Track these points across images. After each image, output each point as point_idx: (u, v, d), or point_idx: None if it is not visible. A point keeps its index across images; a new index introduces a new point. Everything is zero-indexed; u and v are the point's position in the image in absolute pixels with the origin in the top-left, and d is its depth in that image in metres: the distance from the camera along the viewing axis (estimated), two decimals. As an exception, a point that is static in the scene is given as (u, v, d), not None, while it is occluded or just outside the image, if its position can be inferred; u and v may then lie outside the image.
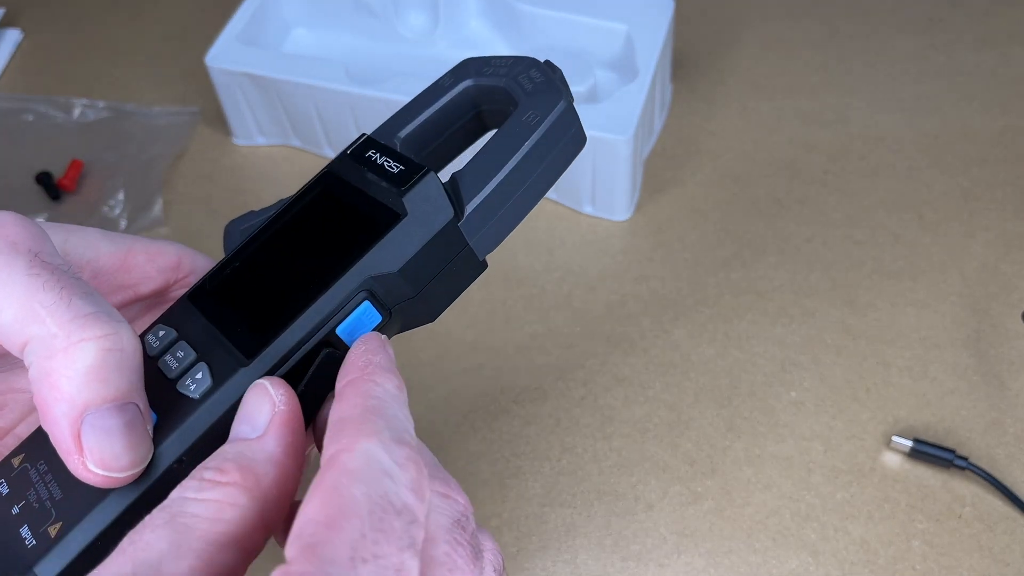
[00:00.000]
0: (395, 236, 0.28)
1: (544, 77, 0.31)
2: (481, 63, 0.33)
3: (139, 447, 0.25)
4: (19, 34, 0.71)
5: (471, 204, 0.29)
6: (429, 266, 0.29)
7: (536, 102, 0.30)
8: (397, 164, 0.30)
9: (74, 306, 0.25)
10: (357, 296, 0.28)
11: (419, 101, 0.33)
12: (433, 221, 0.29)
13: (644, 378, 0.51)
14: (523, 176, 0.30)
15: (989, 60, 0.65)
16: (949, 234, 0.56)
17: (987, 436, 0.48)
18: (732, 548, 0.45)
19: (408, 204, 0.29)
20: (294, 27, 0.64)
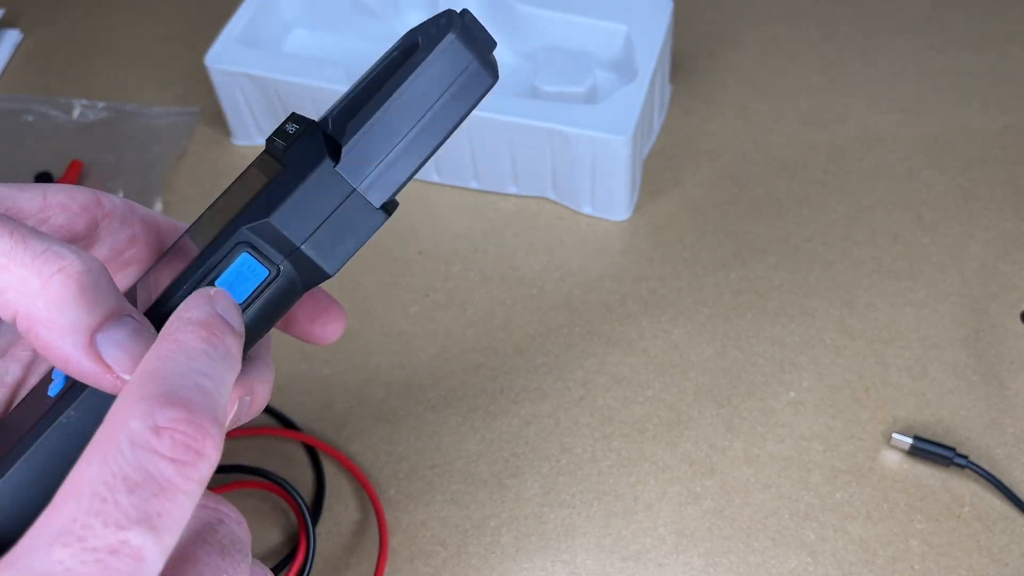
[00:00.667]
0: (271, 188, 0.28)
1: (447, 20, 0.29)
2: (414, 31, 0.30)
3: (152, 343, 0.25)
4: (19, 34, 0.71)
5: (348, 145, 0.28)
6: (310, 214, 0.28)
7: (427, 34, 0.28)
8: (295, 126, 0.29)
9: (30, 246, 0.25)
10: (235, 249, 0.28)
11: (357, 82, 0.31)
12: (305, 167, 0.28)
13: (643, 378, 0.51)
14: (408, 113, 0.28)
15: (988, 60, 0.65)
16: (948, 234, 0.56)
17: (986, 436, 0.48)
18: (731, 548, 0.45)
19: (287, 157, 0.28)
20: (294, 28, 0.64)
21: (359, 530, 0.47)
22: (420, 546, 0.46)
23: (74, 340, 0.24)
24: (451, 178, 0.60)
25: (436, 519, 0.47)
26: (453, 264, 0.56)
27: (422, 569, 0.45)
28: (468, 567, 0.45)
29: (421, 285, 0.55)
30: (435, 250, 0.57)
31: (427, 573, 0.45)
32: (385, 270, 0.56)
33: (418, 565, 0.45)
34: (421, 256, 0.57)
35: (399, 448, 0.49)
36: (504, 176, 0.58)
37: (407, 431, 0.50)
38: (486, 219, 0.58)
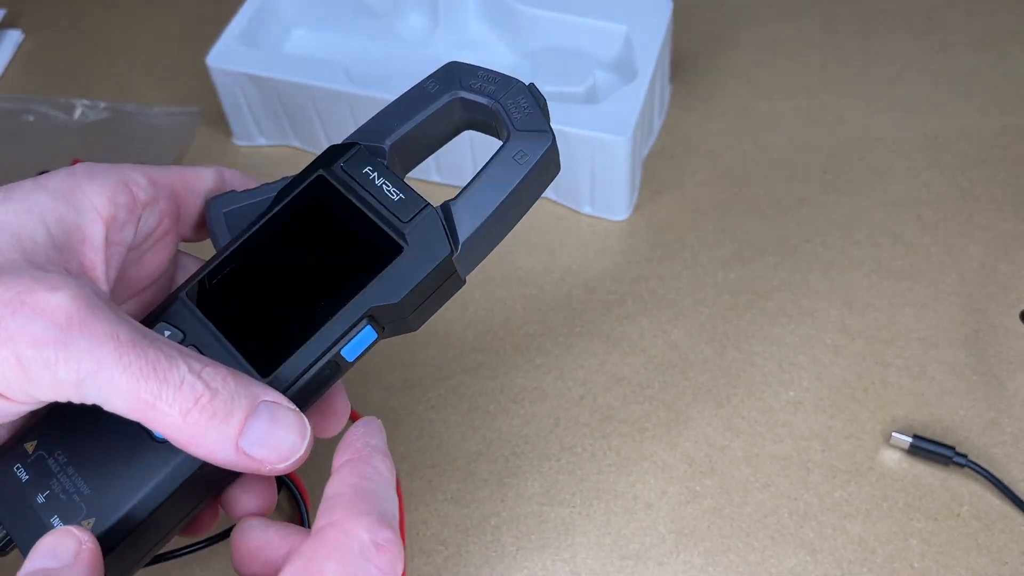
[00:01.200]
0: (396, 268, 0.31)
1: (530, 107, 0.34)
2: (467, 72, 0.35)
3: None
4: (20, 35, 0.71)
5: (464, 238, 0.32)
6: (424, 292, 0.32)
7: (525, 139, 0.33)
8: (396, 191, 0.32)
9: (169, 379, 0.28)
10: (360, 322, 0.31)
11: (405, 105, 0.34)
12: (432, 255, 0.32)
13: (643, 377, 0.51)
14: (509, 209, 0.33)
15: (988, 60, 0.65)
16: (948, 234, 0.56)
17: (985, 435, 0.48)
18: (731, 547, 0.45)
19: (409, 237, 0.32)
20: (294, 28, 0.64)
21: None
22: (421, 545, 0.46)
23: (224, 453, 0.28)
24: (452, 178, 0.60)
25: (437, 518, 0.47)
26: (453, 264, 0.56)
27: (423, 568, 0.45)
28: (469, 566, 0.45)
29: (421, 285, 0.55)
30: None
31: (428, 572, 0.45)
32: (385, 270, 0.56)
33: (419, 564, 0.45)
34: (421, 256, 0.57)
35: (400, 447, 0.49)
36: (504, 176, 0.58)
37: (408, 430, 0.50)
38: (486, 219, 0.58)
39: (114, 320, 0.28)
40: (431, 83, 0.35)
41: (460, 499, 0.47)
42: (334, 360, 0.31)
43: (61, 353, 0.27)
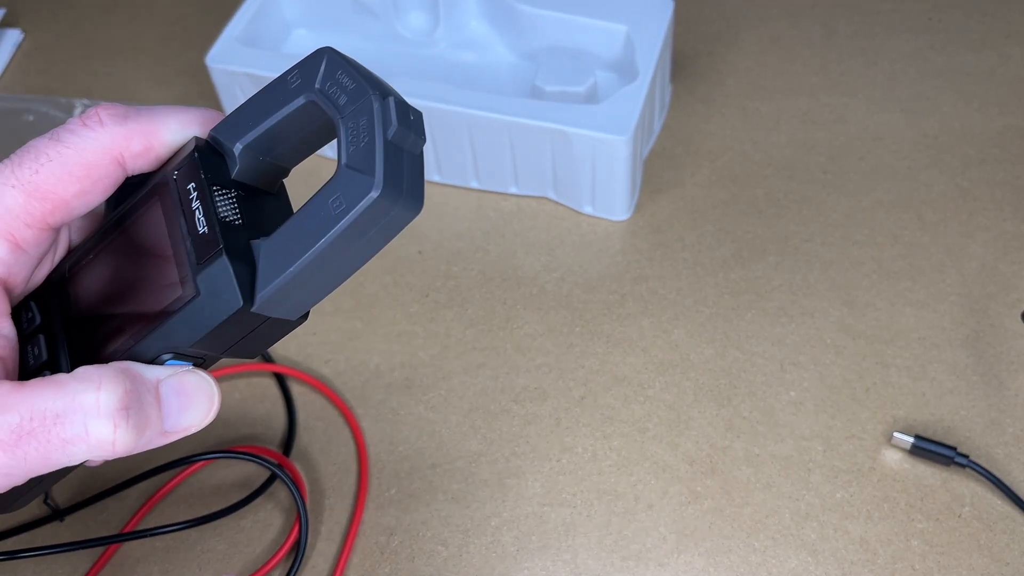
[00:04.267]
0: (186, 314, 0.29)
1: (367, 137, 0.27)
2: (332, 67, 0.29)
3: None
4: (19, 34, 0.71)
5: (263, 292, 0.28)
6: (225, 338, 0.29)
7: (348, 181, 0.26)
8: (204, 220, 0.28)
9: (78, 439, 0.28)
10: (161, 356, 0.30)
11: (264, 99, 0.30)
12: (222, 307, 0.28)
13: (643, 378, 0.51)
14: (328, 260, 0.28)
15: (988, 60, 0.65)
16: (948, 234, 0.56)
17: (986, 435, 0.48)
18: (732, 547, 0.45)
19: (200, 283, 0.28)
20: (294, 28, 0.64)
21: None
22: (421, 545, 0.46)
23: (157, 443, 0.29)
24: (452, 178, 0.60)
25: (437, 518, 0.47)
26: (454, 264, 0.56)
27: (423, 568, 0.45)
28: (469, 566, 0.45)
29: (422, 285, 0.55)
30: (436, 250, 0.57)
31: (428, 572, 0.45)
32: (386, 270, 0.56)
33: (419, 564, 0.45)
34: (422, 256, 0.57)
35: (400, 447, 0.49)
36: (505, 176, 0.58)
37: (408, 430, 0.50)
38: (487, 219, 0.58)
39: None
40: (294, 75, 0.29)
41: (461, 499, 0.47)
42: None
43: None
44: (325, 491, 0.48)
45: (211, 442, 0.49)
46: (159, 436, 0.29)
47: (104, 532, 0.47)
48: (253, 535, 0.47)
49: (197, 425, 0.30)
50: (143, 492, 0.48)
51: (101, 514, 0.47)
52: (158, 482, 0.48)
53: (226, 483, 0.48)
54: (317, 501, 0.48)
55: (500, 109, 0.54)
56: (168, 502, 0.48)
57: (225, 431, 0.50)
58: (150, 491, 0.48)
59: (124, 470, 0.48)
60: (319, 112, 0.29)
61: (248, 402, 0.51)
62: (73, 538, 0.46)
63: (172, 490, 0.48)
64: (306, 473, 0.49)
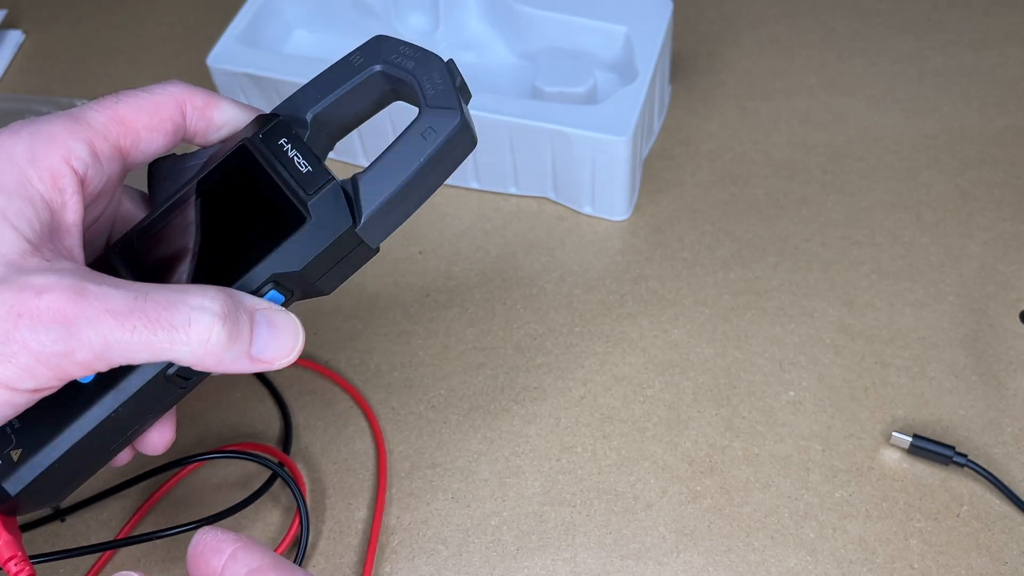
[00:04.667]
0: (299, 238, 0.33)
1: (444, 85, 0.34)
2: (391, 47, 0.35)
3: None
4: (20, 35, 0.71)
5: (367, 212, 0.33)
6: (328, 261, 0.34)
7: (435, 115, 0.34)
8: (306, 163, 0.33)
9: (177, 326, 0.31)
10: (266, 286, 0.33)
11: (329, 77, 0.36)
12: (334, 227, 0.33)
13: (643, 377, 0.51)
14: (417, 184, 0.34)
15: (987, 60, 0.65)
16: (947, 234, 0.56)
17: (985, 435, 0.48)
18: (731, 547, 0.46)
19: (312, 209, 0.33)
20: (295, 28, 0.65)
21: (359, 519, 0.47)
22: (421, 545, 0.46)
23: (241, 364, 0.32)
24: (452, 178, 0.59)
25: (437, 518, 0.47)
26: (454, 264, 0.56)
27: (423, 568, 0.45)
28: (469, 565, 0.45)
29: (422, 285, 0.55)
30: (436, 250, 0.57)
31: (428, 572, 0.45)
32: (386, 270, 0.56)
33: (419, 564, 0.46)
34: (422, 256, 0.57)
35: (400, 447, 0.49)
36: (505, 176, 0.58)
37: (408, 430, 0.50)
38: (487, 219, 0.58)
39: (103, 295, 0.30)
40: (356, 56, 0.36)
41: (461, 499, 0.48)
42: None
43: (72, 343, 0.29)
44: (326, 490, 0.48)
45: (211, 441, 0.49)
46: (245, 357, 0.32)
47: (105, 532, 0.47)
48: (254, 534, 0.47)
49: (281, 358, 0.33)
50: (143, 492, 0.48)
51: (102, 514, 0.47)
52: (158, 482, 0.48)
53: (227, 482, 0.48)
54: (318, 500, 0.48)
55: (500, 110, 0.54)
56: (168, 501, 0.48)
57: (225, 430, 0.50)
58: (151, 491, 0.48)
59: (124, 470, 0.48)
60: (384, 81, 0.35)
61: (249, 401, 0.51)
62: (74, 538, 0.46)
63: (172, 489, 0.48)
64: (307, 472, 0.49)
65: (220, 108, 0.36)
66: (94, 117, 0.34)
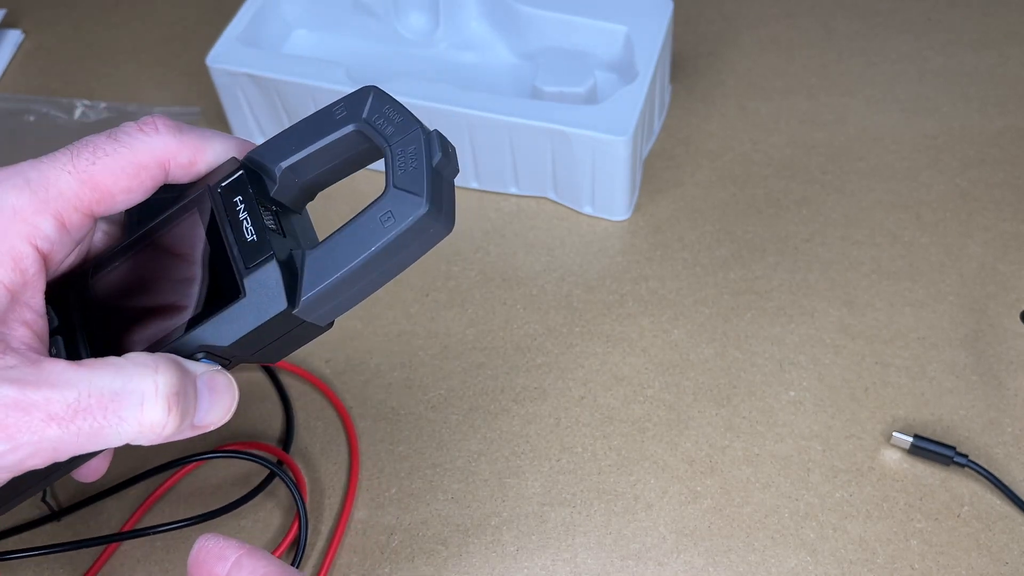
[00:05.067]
0: (230, 314, 0.31)
1: (416, 163, 0.31)
2: (377, 103, 0.32)
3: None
4: (20, 35, 0.71)
5: (307, 295, 0.31)
6: (262, 339, 0.31)
7: (398, 199, 0.30)
8: (253, 230, 0.31)
9: (126, 420, 0.30)
10: (197, 354, 0.32)
11: (309, 126, 0.33)
12: (266, 308, 0.31)
13: (643, 377, 0.51)
14: (370, 270, 0.31)
15: (987, 61, 0.65)
16: (947, 234, 0.56)
17: (985, 435, 0.48)
18: (731, 547, 0.45)
19: (247, 285, 0.31)
20: (295, 28, 0.65)
21: (360, 529, 0.47)
22: (421, 545, 0.46)
23: (184, 435, 0.31)
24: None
25: (437, 518, 0.47)
26: (454, 264, 0.56)
27: (423, 568, 0.45)
28: (469, 566, 0.45)
29: (422, 284, 0.55)
30: (436, 249, 0.57)
31: (428, 572, 0.45)
32: (386, 270, 0.56)
33: (419, 564, 0.46)
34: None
35: (400, 447, 0.49)
36: (505, 176, 0.58)
37: (408, 430, 0.50)
38: (487, 219, 0.58)
39: (44, 401, 0.28)
40: (339, 107, 0.33)
41: (461, 499, 0.47)
42: None
43: (20, 454, 0.28)
44: (325, 490, 0.48)
45: (211, 440, 0.49)
46: (189, 428, 0.31)
47: (103, 532, 0.47)
48: (253, 533, 0.47)
49: (218, 422, 0.32)
50: (142, 491, 0.48)
51: (100, 514, 0.47)
52: (157, 481, 0.48)
53: (226, 482, 0.48)
54: (317, 500, 0.48)
55: (500, 109, 0.54)
56: (167, 501, 0.48)
57: (225, 430, 0.50)
58: (149, 490, 0.48)
59: (123, 470, 0.48)
60: (362, 140, 0.32)
61: (248, 400, 0.51)
62: (72, 538, 0.46)
63: (171, 489, 0.48)
64: (306, 472, 0.49)
65: (206, 158, 0.34)
66: (66, 185, 0.31)
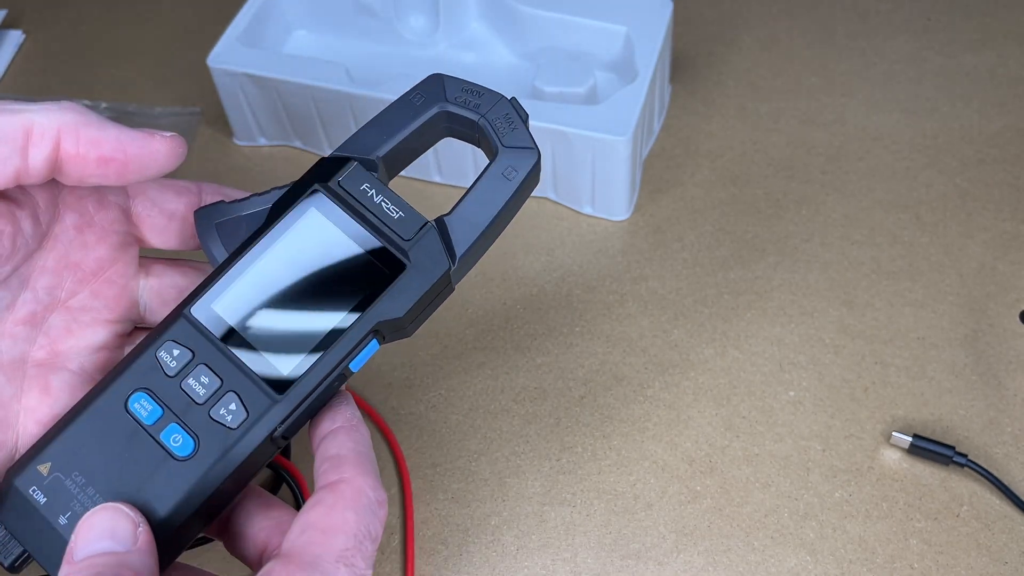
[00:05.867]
0: (400, 284, 0.33)
1: (515, 123, 0.35)
2: (452, 85, 0.36)
3: None
4: (21, 35, 0.71)
5: (460, 253, 0.34)
6: (424, 304, 0.34)
7: (513, 155, 0.35)
8: (395, 208, 0.34)
9: None
10: (367, 337, 0.33)
11: (392, 117, 0.36)
12: (433, 271, 0.33)
13: (643, 377, 0.51)
14: (501, 222, 0.35)
15: (987, 61, 0.65)
16: (947, 234, 0.56)
17: (984, 435, 0.48)
18: (731, 547, 0.46)
19: (412, 254, 0.33)
20: (295, 28, 0.65)
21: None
22: (421, 544, 0.46)
23: None
24: (453, 178, 0.60)
25: (437, 518, 0.47)
26: (454, 264, 0.56)
27: (423, 568, 0.45)
28: (469, 565, 0.46)
29: (422, 285, 0.55)
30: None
31: (428, 572, 0.45)
32: (386, 270, 0.56)
33: (419, 564, 0.46)
34: (422, 256, 0.57)
35: (400, 447, 0.49)
36: (505, 176, 0.58)
37: (408, 430, 0.50)
38: (487, 219, 0.58)
39: None
40: (416, 96, 0.36)
41: (461, 499, 0.48)
42: (342, 372, 0.33)
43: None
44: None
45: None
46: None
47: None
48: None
49: None
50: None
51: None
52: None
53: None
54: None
55: (500, 109, 0.54)
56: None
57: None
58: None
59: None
60: (444, 119, 0.36)
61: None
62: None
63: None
64: (307, 473, 0.49)
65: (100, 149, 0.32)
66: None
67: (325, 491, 0.30)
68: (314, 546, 0.29)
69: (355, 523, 0.30)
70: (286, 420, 0.32)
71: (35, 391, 0.33)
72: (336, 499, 0.30)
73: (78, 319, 0.34)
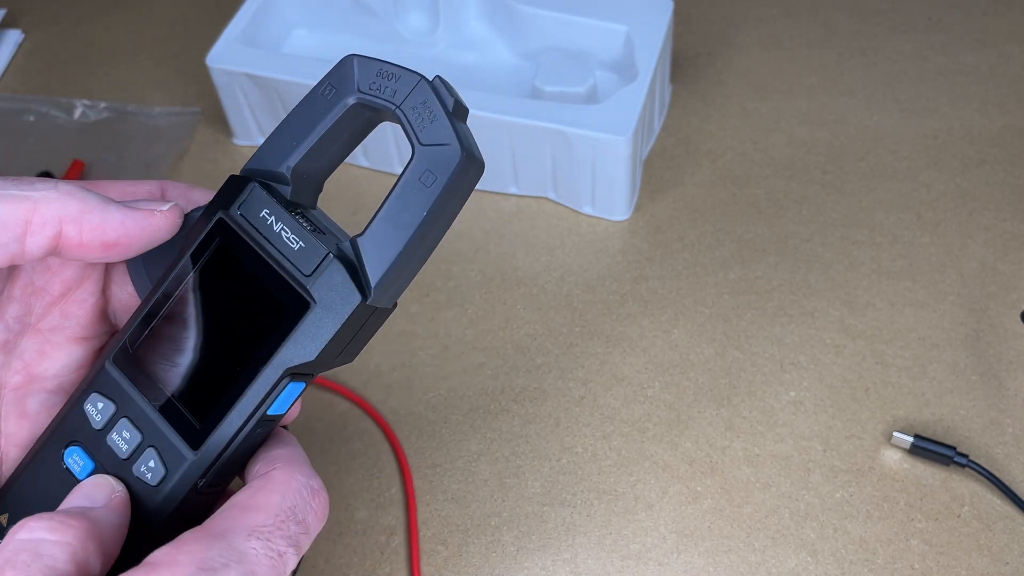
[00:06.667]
0: (306, 327, 0.29)
1: (434, 114, 0.29)
2: (364, 69, 0.30)
3: None
4: (20, 35, 0.71)
5: (375, 280, 0.29)
6: (342, 340, 0.30)
7: (431, 155, 0.29)
8: (295, 237, 0.29)
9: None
10: (282, 381, 0.29)
11: (300, 118, 0.31)
12: (342, 308, 0.29)
13: (643, 377, 0.51)
14: (425, 234, 0.29)
15: (987, 60, 0.65)
16: (947, 234, 0.56)
17: (985, 435, 0.48)
18: (731, 547, 0.45)
19: (315, 292, 0.29)
20: (295, 28, 0.64)
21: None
22: (421, 545, 0.46)
23: None
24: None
25: (437, 518, 0.47)
26: (454, 264, 0.56)
27: (424, 568, 0.45)
28: (469, 566, 0.45)
29: (422, 284, 0.55)
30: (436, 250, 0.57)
31: (428, 572, 0.45)
32: (386, 270, 0.56)
33: (419, 564, 0.45)
34: (422, 256, 0.57)
35: (402, 448, 0.49)
36: (505, 176, 0.58)
37: (408, 430, 0.50)
38: (487, 219, 0.58)
39: None
40: (326, 87, 0.31)
41: (461, 499, 0.47)
42: (263, 419, 0.30)
43: None
44: (325, 491, 0.48)
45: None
46: None
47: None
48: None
49: None
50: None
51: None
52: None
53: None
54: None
55: (500, 109, 0.54)
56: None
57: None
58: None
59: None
60: (362, 112, 0.30)
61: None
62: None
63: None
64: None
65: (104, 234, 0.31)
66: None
67: (256, 479, 0.30)
68: (228, 519, 0.28)
69: (278, 503, 0.29)
70: (207, 474, 0.30)
71: (13, 416, 0.33)
72: (264, 483, 0.30)
73: (50, 340, 0.33)
